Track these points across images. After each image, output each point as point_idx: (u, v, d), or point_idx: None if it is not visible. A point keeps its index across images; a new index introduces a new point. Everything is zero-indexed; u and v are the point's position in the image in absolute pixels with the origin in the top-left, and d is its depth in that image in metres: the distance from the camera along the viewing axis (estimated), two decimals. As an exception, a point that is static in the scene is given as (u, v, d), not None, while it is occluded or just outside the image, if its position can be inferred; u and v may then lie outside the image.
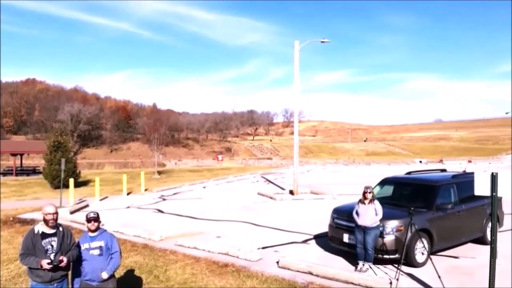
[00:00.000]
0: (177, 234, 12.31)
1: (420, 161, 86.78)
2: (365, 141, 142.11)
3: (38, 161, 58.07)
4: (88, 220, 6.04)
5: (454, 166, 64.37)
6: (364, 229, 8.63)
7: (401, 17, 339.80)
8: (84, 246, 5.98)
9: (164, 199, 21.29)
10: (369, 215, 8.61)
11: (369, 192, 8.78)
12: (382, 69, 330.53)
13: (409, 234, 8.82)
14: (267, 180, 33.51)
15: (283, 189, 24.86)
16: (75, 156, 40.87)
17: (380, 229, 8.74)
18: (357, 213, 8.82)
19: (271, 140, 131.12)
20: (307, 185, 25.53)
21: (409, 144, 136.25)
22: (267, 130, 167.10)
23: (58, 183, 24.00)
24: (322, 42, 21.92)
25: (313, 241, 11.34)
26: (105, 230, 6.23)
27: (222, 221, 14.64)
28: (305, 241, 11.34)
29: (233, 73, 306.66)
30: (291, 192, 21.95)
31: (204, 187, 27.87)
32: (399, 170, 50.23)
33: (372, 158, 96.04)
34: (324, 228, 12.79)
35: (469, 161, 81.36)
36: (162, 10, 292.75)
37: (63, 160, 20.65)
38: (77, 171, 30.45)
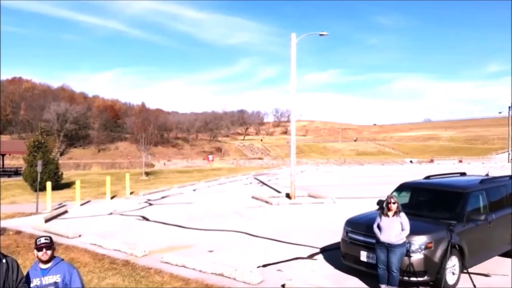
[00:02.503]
0: (163, 247, 10.75)
1: (411, 161, 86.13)
2: (355, 140, 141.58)
3: (22, 162, 56.02)
4: (38, 247, 4.49)
5: (447, 165, 63.55)
6: (388, 247, 7.17)
7: (390, 18, 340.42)
8: (34, 283, 4.44)
9: (150, 204, 19.63)
10: (394, 230, 7.15)
11: (393, 203, 7.32)
12: (371, 69, 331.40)
13: (439, 252, 7.43)
14: (261, 181, 32.00)
15: (278, 192, 23.35)
16: (58, 156, 38.95)
17: (406, 246, 7.30)
18: (379, 227, 7.35)
19: (262, 140, 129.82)
20: (302, 187, 24.07)
21: (399, 143, 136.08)
22: (257, 129, 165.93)
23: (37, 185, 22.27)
24: (321, 35, 20.47)
25: (321, 256, 9.84)
26: (62, 260, 4.69)
27: (214, 230, 13.07)
28: (311, 256, 9.83)
29: (223, 73, 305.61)
30: (288, 196, 20.45)
31: (194, 190, 26.26)
32: (393, 170, 49.18)
33: (363, 158, 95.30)
34: (329, 238, 11.42)
35: (460, 161, 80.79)
36: (152, 8, 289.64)
37: (39, 162, 18.93)
38: (59, 173, 28.71)
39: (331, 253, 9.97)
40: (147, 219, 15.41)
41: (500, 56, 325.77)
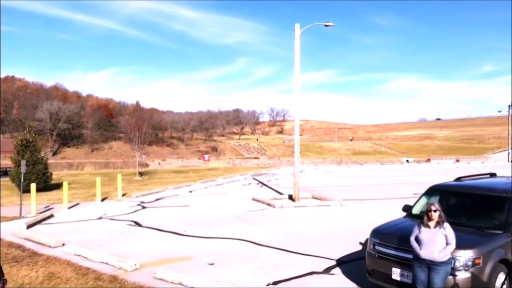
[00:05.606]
0: (156, 259, 9.43)
1: (407, 160, 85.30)
2: (351, 140, 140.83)
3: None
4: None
5: (446, 165, 62.56)
6: (430, 265, 5.91)
7: (385, 18, 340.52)
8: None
9: (143, 207, 18.20)
10: (438, 244, 5.89)
11: (435, 211, 6.06)
12: (366, 69, 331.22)
13: (488, 269, 6.20)
14: (260, 182, 30.73)
15: (280, 193, 22.04)
16: (47, 155, 37.35)
17: (451, 263, 6.05)
18: (418, 240, 6.08)
19: (257, 140, 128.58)
20: (304, 188, 22.83)
21: (395, 143, 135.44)
22: (253, 129, 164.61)
23: (25, 186, 20.83)
24: (326, 26, 19.20)
25: (338, 270, 8.54)
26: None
27: (214, 238, 11.72)
28: (327, 270, 8.54)
29: (219, 72, 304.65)
30: (291, 198, 19.18)
31: (190, 191, 24.86)
32: (394, 169, 48.00)
33: (359, 157, 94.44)
34: (344, 247, 10.23)
35: (457, 160, 79.95)
36: (147, 8, 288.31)
37: (22, 162, 17.53)
38: (48, 173, 27.29)
39: (350, 266, 8.71)
40: (139, 225, 14.04)
41: (494, 56, 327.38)
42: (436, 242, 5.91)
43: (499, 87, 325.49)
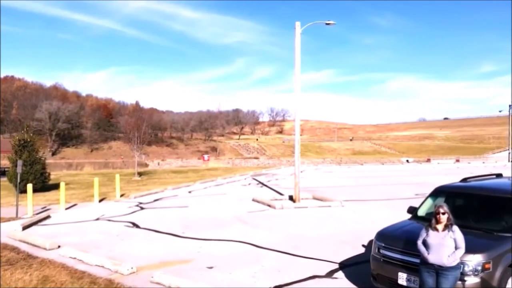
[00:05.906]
0: (154, 262, 9.17)
1: (407, 160, 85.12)
2: (351, 140, 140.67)
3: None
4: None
5: (447, 165, 62.33)
6: (438, 270, 5.65)
7: (385, 18, 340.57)
8: None
9: (142, 208, 17.92)
10: (447, 248, 5.63)
11: (443, 213, 5.81)
12: (366, 69, 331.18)
13: (498, 273, 5.96)
14: (260, 182, 30.46)
15: (281, 194, 21.78)
16: (45, 155, 36.99)
17: (460, 268, 5.80)
18: (425, 244, 5.82)
19: (257, 139, 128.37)
20: (305, 188, 22.55)
21: (395, 143, 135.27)
22: (253, 129, 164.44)
23: (23, 187, 20.58)
24: (327, 24, 18.94)
25: (341, 274, 8.29)
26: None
27: (213, 240, 11.45)
28: (330, 274, 8.28)
29: (219, 72, 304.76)
30: (292, 198, 18.91)
31: (189, 192, 24.60)
32: (395, 169, 47.76)
33: (359, 157, 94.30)
34: (347, 250, 10.01)
35: (457, 160, 79.74)
36: (147, 8, 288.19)
37: (19, 162, 17.26)
38: (46, 173, 27.03)
39: (353, 270, 8.46)
40: (137, 226, 13.77)
41: (494, 56, 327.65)
42: (445, 246, 5.65)
43: (499, 87, 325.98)
